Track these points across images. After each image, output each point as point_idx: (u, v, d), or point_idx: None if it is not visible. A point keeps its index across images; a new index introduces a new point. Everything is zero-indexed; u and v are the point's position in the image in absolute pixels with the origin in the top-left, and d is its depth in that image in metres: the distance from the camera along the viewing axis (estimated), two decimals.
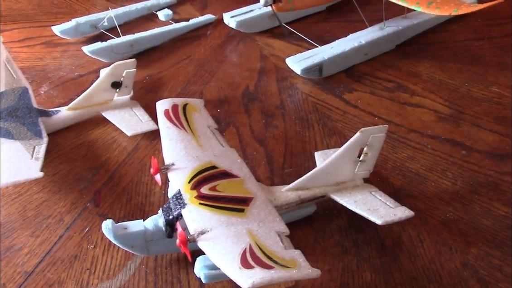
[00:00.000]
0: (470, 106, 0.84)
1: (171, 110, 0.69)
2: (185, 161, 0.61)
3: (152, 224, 0.56)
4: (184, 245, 0.50)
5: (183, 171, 0.59)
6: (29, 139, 0.71)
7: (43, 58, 1.00)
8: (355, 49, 0.93)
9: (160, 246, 0.57)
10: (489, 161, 0.74)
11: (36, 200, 0.69)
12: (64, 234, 0.64)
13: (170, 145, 0.64)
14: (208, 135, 0.67)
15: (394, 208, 0.60)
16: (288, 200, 0.61)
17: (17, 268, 0.60)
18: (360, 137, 0.59)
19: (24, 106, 0.76)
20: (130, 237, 0.55)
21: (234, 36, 1.06)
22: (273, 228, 0.53)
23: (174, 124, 0.67)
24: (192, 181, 0.57)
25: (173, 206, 0.55)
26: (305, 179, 0.61)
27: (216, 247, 0.49)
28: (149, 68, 0.96)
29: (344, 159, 0.61)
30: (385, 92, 0.88)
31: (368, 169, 0.63)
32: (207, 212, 0.53)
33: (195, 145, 0.64)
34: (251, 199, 0.57)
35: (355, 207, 0.60)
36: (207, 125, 0.69)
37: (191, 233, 0.51)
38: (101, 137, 0.79)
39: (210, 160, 0.61)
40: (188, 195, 0.55)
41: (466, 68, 0.94)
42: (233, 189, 0.57)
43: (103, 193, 0.70)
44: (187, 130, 0.66)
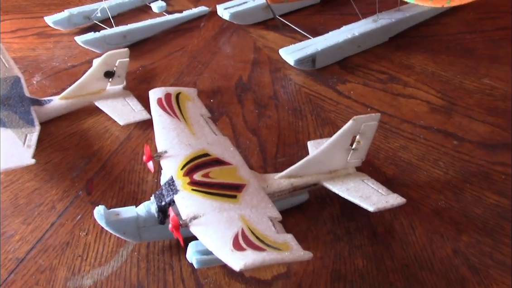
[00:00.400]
0: (462, 98, 0.85)
1: (164, 98, 0.69)
2: (177, 148, 0.61)
3: (145, 211, 0.56)
4: (177, 230, 0.50)
5: (175, 158, 0.59)
6: (21, 127, 0.70)
7: (35, 48, 0.99)
8: (348, 41, 0.93)
9: (153, 233, 0.57)
10: (480, 151, 0.74)
11: (27, 188, 0.68)
12: (56, 222, 0.64)
13: (162, 133, 0.63)
14: (201, 123, 0.67)
15: (386, 195, 0.60)
16: (281, 187, 0.61)
17: (8, 254, 0.60)
18: (353, 125, 0.59)
19: (16, 95, 0.76)
20: (122, 223, 0.55)
21: (227, 28, 1.06)
22: (265, 214, 0.53)
23: (167, 112, 0.67)
24: (184, 168, 0.57)
25: (166, 193, 0.55)
26: (298, 167, 0.61)
27: (208, 231, 0.49)
28: (142, 59, 0.96)
29: (336, 147, 0.61)
30: (378, 84, 0.88)
31: (360, 158, 0.64)
32: (200, 198, 0.53)
33: (188, 133, 0.64)
34: (244, 186, 0.57)
35: (347, 195, 0.60)
36: (200, 114, 0.69)
37: (184, 218, 0.51)
38: (93, 126, 0.79)
39: (203, 147, 0.61)
40: (180, 181, 0.55)
41: (459, 61, 0.94)
42: (226, 176, 0.57)
43: (96, 181, 0.69)
44: (180, 118, 0.66)
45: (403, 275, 0.58)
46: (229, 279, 0.57)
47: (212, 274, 0.57)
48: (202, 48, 1.00)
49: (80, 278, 0.57)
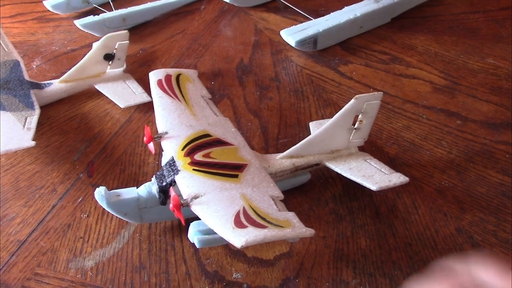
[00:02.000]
0: (465, 78, 0.84)
1: (164, 80, 0.68)
2: (178, 129, 0.60)
3: (146, 191, 0.56)
4: (178, 209, 0.49)
5: (176, 139, 0.58)
6: (21, 110, 0.70)
7: (35, 33, 0.98)
8: (350, 21, 0.92)
9: (154, 214, 0.57)
10: (484, 130, 0.73)
11: (28, 171, 0.68)
12: (57, 204, 0.64)
13: (163, 114, 0.63)
14: (202, 104, 0.66)
15: (389, 174, 0.59)
16: (283, 167, 0.60)
17: (9, 237, 0.60)
18: (355, 104, 0.58)
19: (16, 78, 0.75)
20: (123, 204, 0.55)
21: (228, 10, 1.05)
22: (267, 193, 0.52)
23: (167, 93, 0.66)
24: (185, 148, 0.57)
25: (167, 173, 0.55)
26: (300, 146, 0.61)
27: (209, 210, 0.48)
28: (142, 42, 0.95)
29: (338, 126, 0.60)
30: (380, 64, 0.88)
31: (363, 137, 0.63)
32: (201, 177, 0.53)
33: (188, 114, 0.63)
34: (245, 166, 0.56)
35: (349, 174, 0.60)
36: (201, 95, 0.68)
37: (184, 198, 0.50)
38: (94, 109, 0.79)
39: (204, 128, 0.61)
40: (181, 161, 0.55)
41: (462, 41, 0.93)
42: (227, 156, 0.57)
43: (96, 164, 0.69)
44: (181, 99, 0.65)
45: (406, 254, 0.57)
46: (231, 259, 0.56)
47: (214, 254, 0.57)
48: (202, 30, 0.99)
49: (81, 259, 0.57)
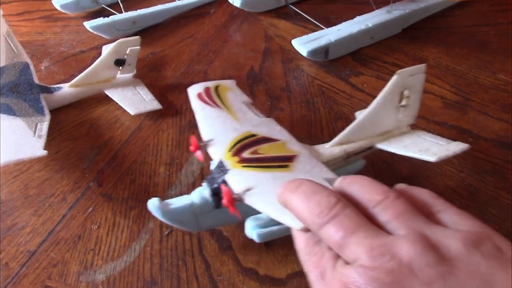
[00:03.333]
0: (476, 93, 0.84)
1: (204, 92, 0.67)
2: (223, 135, 0.59)
3: (199, 197, 0.54)
4: (232, 204, 0.48)
5: (222, 143, 0.57)
6: (31, 116, 0.69)
7: (43, 32, 0.97)
8: (362, 32, 0.92)
9: (210, 219, 0.56)
10: (495, 149, 0.73)
11: (38, 178, 0.68)
12: (67, 214, 0.63)
13: (206, 123, 0.62)
14: (244, 109, 0.65)
15: (447, 144, 0.57)
16: (334, 155, 0.59)
17: (19, 247, 0.59)
18: (398, 80, 0.56)
19: (25, 81, 0.75)
20: (178, 212, 0.54)
21: (238, 15, 1.04)
22: (320, 177, 0.51)
23: (209, 104, 0.65)
24: (232, 149, 0.56)
25: (217, 175, 0.54)
26: (348, 132, 0.59)
27: (263, 198, 0.47)
28: (152, 46, 0.94)
29: (384, 106, 0.58)
30: (392, 77, 0.87)
31: (412, 114, 0.61)
32: (251, 172, 0.52)
33: (232, 119, 0.62)
34: (295, 156, 0.55)
35: (405, 151, 0.58)
36: (241, 101, 0.67)
37: (237, 192, 0.49)
38: (103, 115, 0.78)
39: (248, 130, 0.59)
40: (230, 161, 0.54)
41: (473, 54, 0.93)
42: (275, 150, 0.56)
43: (106, 173, 0.69)
44: (222, 107, 0.64)
45: None
46: (243, 277, 0.56)
47: (226, 271, 0.57)
48: (212, 35, 0.98)
49: (92, 272, 0.57)
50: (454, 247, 0.32)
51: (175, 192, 0.66)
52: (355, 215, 0.35)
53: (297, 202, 0.38)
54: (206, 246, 0.59)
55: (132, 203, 0.64)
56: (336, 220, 0.35)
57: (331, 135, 0.74)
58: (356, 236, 0.34)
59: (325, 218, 0.35)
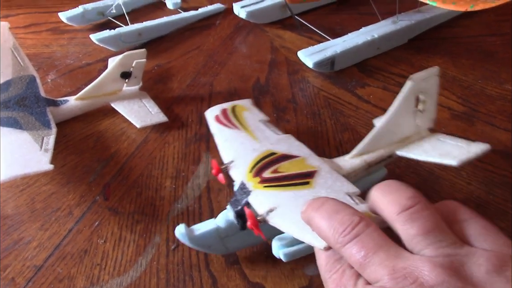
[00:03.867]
0: (483, 104, 0.83)
1: (221, 114, 0.68)
2: (243, 155, 0.59)
3: (224, 220, 0.55)
4: (256, 226, 0.48)
5: (243, 165, 0.57)
6: (37, 130, 0.69)
7: (49, 45, 0.98)
8: (367, 42, 0.92)
9: (237, 242, 0.56)
10: (504, 161, 0.73)
11: (44, 192, 0.68)
12: (74, 228, 0.63)
13: (225, 145, 0.62)
14: (262, 128, 0.65)
15: (467, 145, 0.57)
16: (354, 167, 0.59)
17: (26, 262, 0.59)
18: (412, 85, 0.56)
19: (32, 95, 0.75)
20: (205, 237, 0.54)
21: (243, 26, 1.05)
22: (341, 191, 0.51)
23: (226, 126, 0.65)
24: (253, 170, 0.56)
25: (239, 197, 0.54)
26: (367, 142, 0.59)
27: (286, 218, 0.47)
28: (158, 58, 0.95)
29: (401, 112, 0.58)
30: (398, 88, 0.85)
31: (430, 118, 0.61)
32: (273, 192, 0.52)
33: (250, 139, 0.62)
34: (315, 172, 0.55)
35: (425, 157, 0.58)
36: (259, 120, 0.67)
37: (260, 214, 0.49)
38: (110, 128, 0.78)
39: (268, 148, 0.59)
40: (251, 182, 0.54)
41: (479, 65, 0.93)
42: (295, 167, 0.56)
43: (113, 186, 0.68)
44: (240, 128, 0.65)
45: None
46: None
47: (232, 287, 0.56)
48: (218, 47, 0.98)
49: None
50: (478, 272, 0.32)
51: (181, 205, 0.66)
52: (378, 234, 0.35)
53: (320, 221, 0.38)
54: (213, 261, 0.59)
55: (138, 217, 0.64)
56: (358, 239, 0.35)
57: (338, 147, 0.74)
58: (378, 256, 0.34)
59: (347, 237, 0.35)
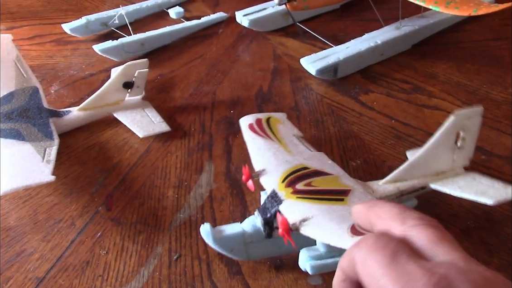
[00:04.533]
0: (489, 109, 0.82)
1: (255, 123, 0.68)
2: (275, 165, 0.59)
3: (250, 225, 0.54)
4: (287, 233, 0.48)
5: (275, 174, 0.57)
6: (40, 141, 0.69)
7: (53, 56, 0.98)
8: (370, 49, 0.91)
9: (260, 249, 0.56)
10: (509, 166, 0.72)
11: (47, 203, 0.67)
12: (76, 239, 0.63)
13: (258, 153, 0.62)
14: (295, 142, 0.65)
15: (504, 188, 0.57)
16: (387, 192, 0.58)
17: (28, 273, 0.59)
18: (454, 121, 0.56)
19: (35, 106, 0.75)
20: (229, 240, 0.54)
21: (246, 34, 1.05)
22: None
23: (260, 135, 0.66)
24: (285, 180, 0.55)
25: (270, 205, 0.53)
26: (402, 170, 0.59)
27: (321, 227, 0.47)
28: (161, 67, 0.95)
29: (440, 146, 0.58)
30: (402, 94, 0.86)
31: (467, 156, 0.61)
32: (306, 203, 0.51)
33: (283, 151, 0.62)
34: (349, 191, 0.55)
35: (460, 193, 0.58)
36: (292, 134, 0.67)
37: (292, 223, 0.49)
38: (112, 138, 0.78)
39: (301, 162, 0.59)
40: (283, 192, 0.53)
41: (484, 70, 0.92)
42: (329, 184, 0.55)
43: (115, 197, 0.68)
44: (274, 139, 0.65)
45: None
46: None
47: None
48: (221, 55, 0.98)
49: None
50: None
51: (184, 215, 0.65)
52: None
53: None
54: (215, 271, 0.58)
55: (140, 227, 0.64)
56: None
57: (341, 154, 0.73)
58: None
59: None
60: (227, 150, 0.75)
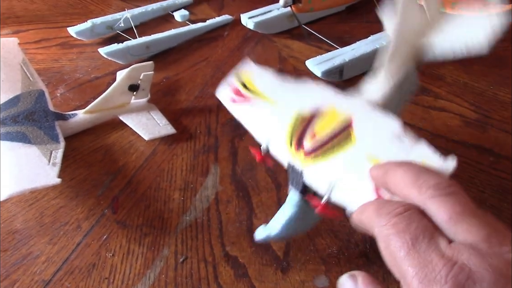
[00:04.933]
0: (496, 111, 0.82)
1: (235, 95, 0.63)
2: (275, 130, 0.55)
3: (292, 205, 0.52)
4: (325, 210, 0.47)
5: (280, 140, 0.54)
6: (46, 144, 0.69)
7: (59, 59, 0.99)
8: (376, 51, 0.91)
9: (310, 218, 0.53)
10: None
11: (53, 206, 0.67)
12: (82, 242, 0.63)
13: (254, 125, 0.59)
14: (274, 87, 0.60)
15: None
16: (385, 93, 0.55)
17: (34, 276, 0.59)
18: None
19: (41, 109, 0.75)
20: (285, 229, 0.52)
21: (251, 37, 1.04)
22: (387, 133, 0.46)
23: (245, 102, 0.61)
24: (292, 143, 0.52)
25: (295, 179, 0.51)
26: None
27: (348, 192, 0.46)
28: (166, 70, 0.95)
29: None
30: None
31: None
32: (322, 163, 0.49)
33: (271, 108, 0.57)
34: (351, 121, 0.50)
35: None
36: (269, 80, 0.62)
37: (322, 194, 0.47)
38: (118, 141, 0.78)
39: (293, 110, 0.55)
40: (298, 159, 0.51)
41: (491, 71, 0.91)
42: (330, 123, 0.51)
43: (121, 199, 0.68)
44: (260, 98, 0.60)
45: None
46: None
47: None
48: (226, 58, 0.98)
49: None
50: None
51: (190, 218, 0.65)
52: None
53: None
54: (222, 273, 0.58)
55: (146, 230, 0.64)
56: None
57: None
58: None
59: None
60: (232, 152, 0.75)
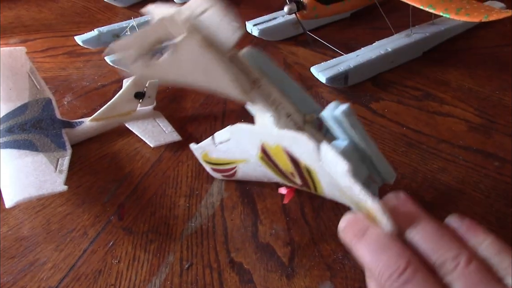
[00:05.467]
0: (501, 116, 0.82)
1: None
2: None
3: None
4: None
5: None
6: (52, 151, 0.70)
7: (66, 68, 1.00)
8: (381, 56, 0.91)
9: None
10: None
11: (60, 213, 0.68)
12: (88, 248, 0.63)
13: None
14: (227, 149, 0.65)
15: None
16: None
17: (41, 283, 0.59)
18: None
19: (48, 117, 0.76)
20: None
21: (256, 44, 1.05)
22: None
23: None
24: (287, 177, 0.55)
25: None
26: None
27: None
28: None
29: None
30: (413, 101, 0.86)
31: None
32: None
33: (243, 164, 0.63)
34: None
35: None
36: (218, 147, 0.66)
37: None
38: (124, 148, 0.78)
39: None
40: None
41: (496, 76, 0.91)
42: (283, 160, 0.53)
43: (127, 206, 0.68)
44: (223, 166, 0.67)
45: None
46: None
47: None
48: None
49: None
50: None
51: (195, 224, 0.65)
52: (425, 282, 0.34)
53: (365, 253, 0.37)
54: (227, 280, 0.58)
55: (152, 236, 0.64)
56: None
57: None
58: None
59: (395, 284, 0.34)
60: None
